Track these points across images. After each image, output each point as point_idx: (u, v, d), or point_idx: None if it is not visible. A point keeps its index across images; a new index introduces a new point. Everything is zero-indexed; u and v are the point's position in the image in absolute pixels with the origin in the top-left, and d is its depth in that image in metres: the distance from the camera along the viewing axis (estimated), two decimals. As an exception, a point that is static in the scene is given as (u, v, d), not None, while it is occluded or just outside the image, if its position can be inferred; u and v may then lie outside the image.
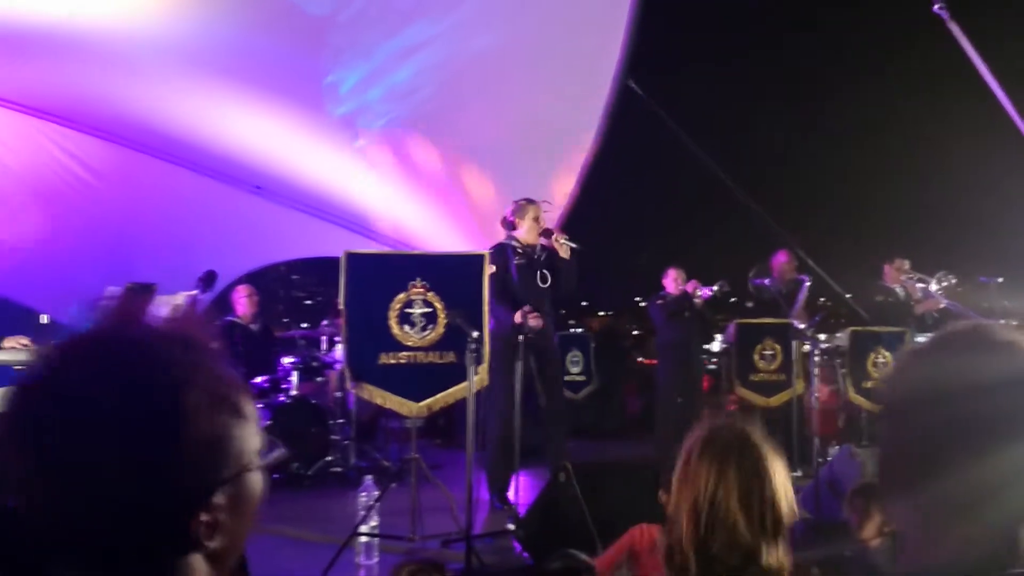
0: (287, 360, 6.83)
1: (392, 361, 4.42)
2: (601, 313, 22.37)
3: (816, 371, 5.54)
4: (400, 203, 10.03)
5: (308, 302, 21.85)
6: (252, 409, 0.92)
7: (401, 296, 4.41)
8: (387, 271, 4.50)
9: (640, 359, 13.21)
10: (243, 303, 7.02)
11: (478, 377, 4.33)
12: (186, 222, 9.88)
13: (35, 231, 8.66)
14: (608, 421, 9.01)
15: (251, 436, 0.91)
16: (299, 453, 6.37)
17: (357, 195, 10.02)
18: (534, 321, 5.13)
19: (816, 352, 5.58)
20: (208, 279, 6.45)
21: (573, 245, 5.43)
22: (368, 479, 4.53)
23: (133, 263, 9.80)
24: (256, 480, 0.91)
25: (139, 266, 9.83)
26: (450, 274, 4.54)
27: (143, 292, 4.55)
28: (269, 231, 10.58)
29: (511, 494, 5.43)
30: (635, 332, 20.75)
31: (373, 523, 4.39)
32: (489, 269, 4.60)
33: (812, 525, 4.80)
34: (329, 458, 6.55)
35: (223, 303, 7.36)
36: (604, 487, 4.50)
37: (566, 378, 8.19)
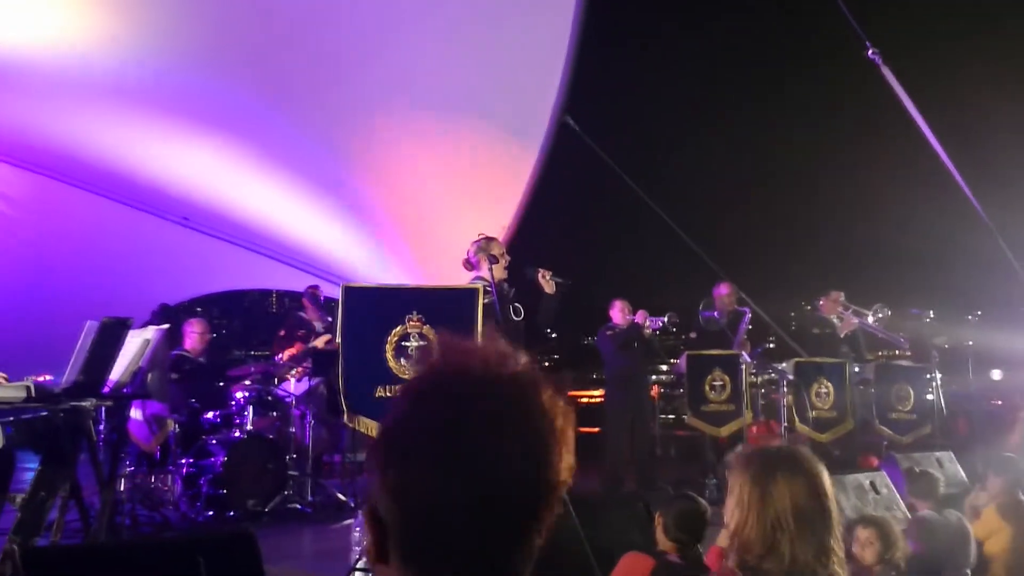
0: (240, 395, 6.65)
1: (389, 394, 4.38)
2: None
3: (785, 401, 5.72)
4: (333, 234, 9.95)
5: (213, 335, 21.28)
6: None
7: (398, 329, 4.40)
8: (384, 305, 4.48)
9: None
10: (193, 337, 6.82)
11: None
12: (106, 252, 9.55)
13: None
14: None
15: None
16: (256, 489, 6.22)
17: (288, 227, 9.90)
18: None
19: (785, 382, 5.76)
20: (163, 313, 6.28)
21: (559, 280, 5.52)
22: (361, 513, 4.48)
23: (48, 292, 9.43)
24: None
25: (55, 296, 9.47)
26: (446, 307, 4.55)
27: (120, 326, 4.38)
28: (193, 263, 10.31)
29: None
30: (545, 363, 20.90)
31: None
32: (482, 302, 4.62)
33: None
34: (287, 493, 6.40)
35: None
36: (596, 518, 4.56)
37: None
